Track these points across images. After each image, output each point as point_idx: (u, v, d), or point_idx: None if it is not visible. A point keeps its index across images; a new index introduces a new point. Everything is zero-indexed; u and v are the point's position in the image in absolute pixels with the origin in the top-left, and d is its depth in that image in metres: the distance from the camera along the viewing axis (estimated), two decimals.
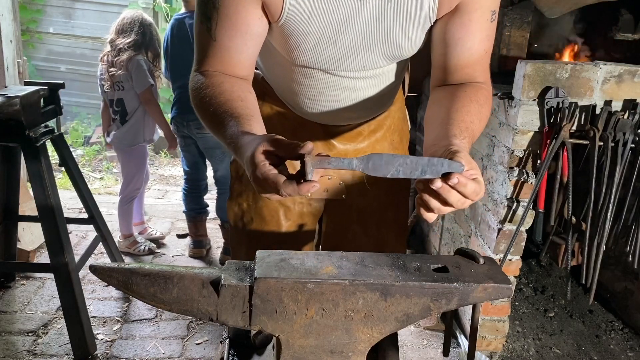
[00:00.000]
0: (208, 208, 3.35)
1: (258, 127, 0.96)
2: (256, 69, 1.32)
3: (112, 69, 2.99)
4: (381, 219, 1.46)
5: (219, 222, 3.25)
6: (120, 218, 3.29)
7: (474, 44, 1.09)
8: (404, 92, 1.49)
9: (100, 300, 2.75)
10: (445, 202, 0.82)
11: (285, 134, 1.09)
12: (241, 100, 1.02)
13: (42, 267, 2.64)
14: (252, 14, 1.03)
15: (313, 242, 1.54)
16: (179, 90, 3.00)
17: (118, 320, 2.59)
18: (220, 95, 1.01)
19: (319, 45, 1.09)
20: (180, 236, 3.56)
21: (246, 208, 1.43)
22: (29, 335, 2.42)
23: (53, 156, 3.55)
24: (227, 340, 1.19)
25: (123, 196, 3.25)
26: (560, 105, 1.92)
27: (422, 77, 2.84)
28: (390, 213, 1.48)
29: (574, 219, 2.00)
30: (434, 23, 1.10)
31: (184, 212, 3.31)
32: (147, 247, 3.31)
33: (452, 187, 0.80)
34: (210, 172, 3.39)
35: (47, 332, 2.45)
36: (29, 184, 2.86)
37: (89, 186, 2.76)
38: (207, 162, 3.25)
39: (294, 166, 0.82)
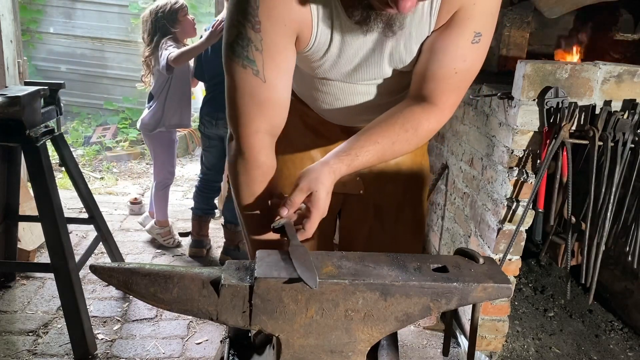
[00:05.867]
0: (216, 210, 3.36)
1: None
2: None
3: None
4: (398, 216, 1.49)
5: (221, 221, 3.26)
6: (155, 204, 3.40)
7: (445, 57, 1.09)
8: None
9: (100, 300, 2.75)
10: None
11: (307, 131, 1.45)
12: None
13: (42, 267, 2.63)
14: (289, 50, 1.10)
15: (332, 236, 1.57)
16: (213, 87, 3.01)
17: (118, 320, 2.59)
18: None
19: (337, 65, 1.18)
20: (181, 234, 3.57)
21: None
22: (29, 335, 2.42)
23: (53, 156, 3.55)
24: (227, 340, 1.19)
25: (157, 182, 3.36)
26: (560, 105, 1.92)
27: None
28: (407, 210, 1.51)
29: (573, 218, 2.00)
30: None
31: (191, 209, 3.33)
32: (176, 241, 3.43)
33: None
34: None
35: (47, 332, 2.46)
36: (29, 184, 2.86)
37: (89, 186, 2.76)
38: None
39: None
